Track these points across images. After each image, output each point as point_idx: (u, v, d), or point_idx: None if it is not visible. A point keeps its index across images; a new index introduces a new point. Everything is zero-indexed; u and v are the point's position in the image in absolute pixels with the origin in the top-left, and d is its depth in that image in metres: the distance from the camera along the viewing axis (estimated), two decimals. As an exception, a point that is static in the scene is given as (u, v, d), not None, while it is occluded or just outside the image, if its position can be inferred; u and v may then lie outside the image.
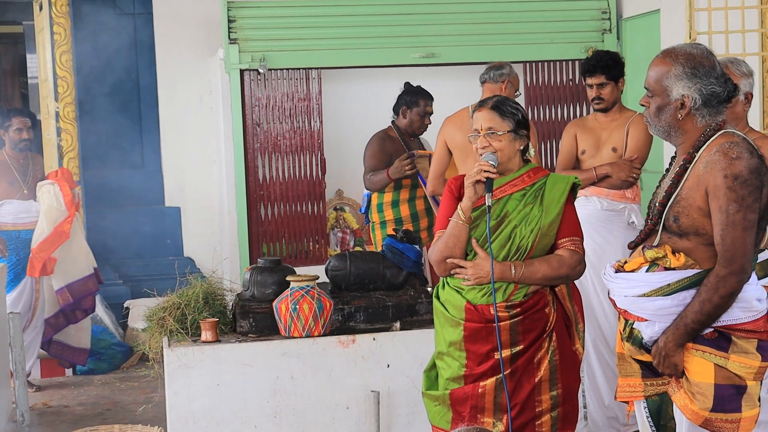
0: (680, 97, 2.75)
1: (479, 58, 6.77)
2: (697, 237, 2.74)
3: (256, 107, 6.64)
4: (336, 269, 4.27)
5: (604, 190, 4.79)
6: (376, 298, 4.21)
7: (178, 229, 7.55)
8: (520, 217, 3.21)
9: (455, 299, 3.24)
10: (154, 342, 4.23)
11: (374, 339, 4.08)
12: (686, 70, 2.74)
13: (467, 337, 3.21)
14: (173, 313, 4.17)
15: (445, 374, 3.28)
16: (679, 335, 2.74)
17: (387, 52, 6.70)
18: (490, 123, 3.24)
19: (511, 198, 3.24)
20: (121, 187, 7.52)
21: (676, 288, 2.75)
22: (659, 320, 2.79)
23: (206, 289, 4.26)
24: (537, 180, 3.27)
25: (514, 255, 3.19)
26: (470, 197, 3.17)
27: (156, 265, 7.37)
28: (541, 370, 3.20)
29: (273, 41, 6.58)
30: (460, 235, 3.20)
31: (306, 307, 3.95)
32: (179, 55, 7.40)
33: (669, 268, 2.77)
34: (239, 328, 4.13)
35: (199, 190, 7.48)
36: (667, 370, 2.80)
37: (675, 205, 2.76)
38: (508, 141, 3.24)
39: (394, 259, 4.30)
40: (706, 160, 2.71)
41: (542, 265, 3.18)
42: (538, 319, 3.21)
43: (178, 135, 7.47)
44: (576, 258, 3.20)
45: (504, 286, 3.18)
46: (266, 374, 3.99)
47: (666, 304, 2.76)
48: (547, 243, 3.22)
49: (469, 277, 3.19)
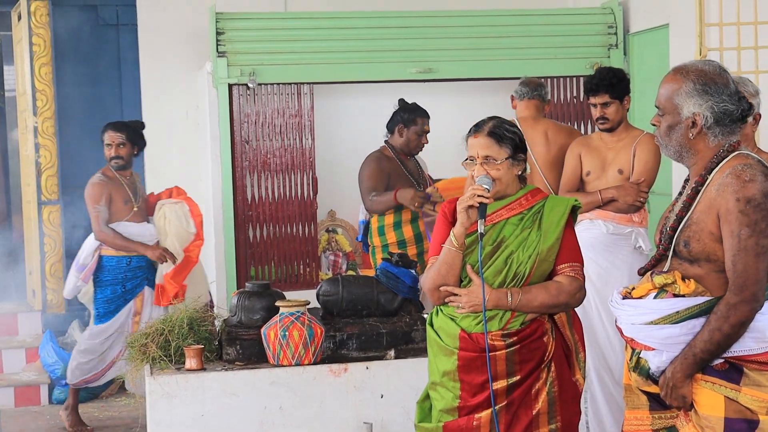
0: (691, 115, 2.76)
1: (479, 74, 6.80)
2: (709, 263, 2.74)
3: (245, 123, 6.64)
4: (328, 294, 4.26)
5: (609, 213, 4.80)
6: (369, 325, 4.20)
7: (162, 250, 7.51)
8: (517, 242, 3.21)
9: (449, 327, 3.24)
10: (136, 370, 4.22)
11: (367, 368, 4.07)
12: (697, 87, 2.75)
13: (461, 366, 3.20)
14: (156, 340, 4.16)
15: (439, 405, 3.27)
16: (687, 365, 2.74)
17: (382, 67, 6.71)
18: (487, 151, 3.24)
19: (508, 222, 3.25)
20: (104, 205, 7.49)
21: (685, 316, 2.75)
22: (667, 349, 2.78)
23: (191, 315, 4.26)
24: (535, 203, 3.27)
25: (511, 281, 3.19)
26: (463, 223, 3.18)
27: (138, 288, 7.33)
28: (539, 402, 3.19)
29: (263, 54, 6.59)
30: (453, 262, 3.20)
31: (296, 334, 3.94)
32: (165, 69, 7.41)
33: (678, 294, 2.77)
34: (225, 356, 4.11)
35: (185, 209, 7.45)
36: (675, 403, 2.79)
37: (686, 229, 2.77)
38: (506, 168, 3.24)
39: (389, 283, 4.29)
40: (718, 182, 2.72)
41: (540, 292, 3.17)
42: (535, 348, 3.20)
43: (162, 151, 7.47)
44: (575, 285, 3.20)
45: (500, 313, 3.18)
46: (254, 404, 3.97)
47: (674, 332, 2.75)
48: (546, 269, 3.22)
49: (464, 305, 3.19)
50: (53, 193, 7.24)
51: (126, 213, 5.91)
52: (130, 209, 5.92)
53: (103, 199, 5.82)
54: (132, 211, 5.93)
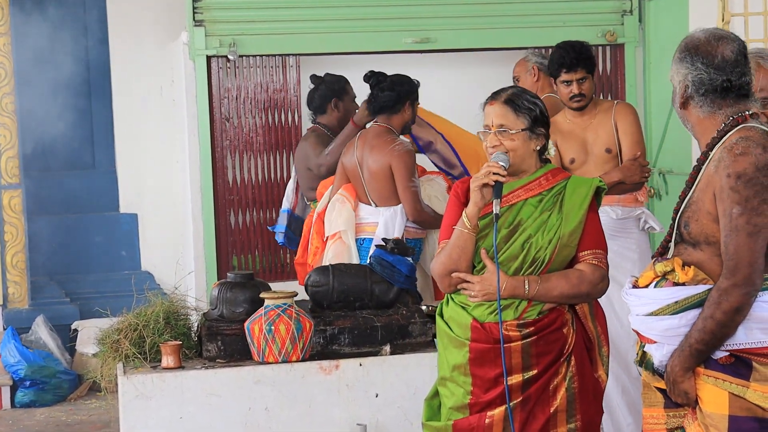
0: (677, 84, 2.85)
1: (481, 44, 6.80)
2: (709, 246, 2.76)
3: (225, 99, 6.64)
4: (317, 285, 4.28)
5: (614, 197, 4.81)
6: (362, 318, 4.21)
7: (135, 239, 7.53)
8: (536, 226, 3.21)
9: (460, 316, 3.25)
10: (107, 369, 4.21)
11: (361, 365, 4.08)
12: (681, 55, 2.84)
13: (473, 359, 3.20)
14: (129, 336, 4.16)
15: (448, 402, 3.28)
16: (684, 358, 2.76)
17: (375, 37, 6.72)
18: (501, 119, 3.24)
19: (526, 204, 3.25)
20: (69, 191, 7.50)
21: (684, 306, 2.76)
22: (668, 342, 2.80)
23: (167, 308, 4.25)
24: (556, 183, 3.28)
25: (529, 268, 3.20)
26: (476, 203, 3.17)
27: (109, 280, 7.35)
28: (558, 398, 3.20)
29: (244, 24, 6.59)
30: (465, 245, 3.20)
31: (282, 329, 3.95)
32: (136, 39, 7.39)
33: (678, 283, 2.79)
34: (206, 353, 4.12)
35: (160, 194, 7.46)
36: (679, 399, 2.81)
37: (686, 210, 2.80)
38: (522, 140, 3.24)
39: (384, 273, 4.31)
40: (717, 158, 2.75)
41: (560, 280, 3.18)
42: (554, 340, 3.21)
43: (134, 131, 7.46)
44: (598, 274, 3.21)
45: (516, 302, 3.19)
46: (237, 405, 3.98)
47: (673, 323, 2.77)
48: (567, 255, 3.22)
49: (476, 293, 3.20)
50: (14, 177, 7.23)
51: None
52: None
53: (416, 170, 5.11)
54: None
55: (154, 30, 7.36)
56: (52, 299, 7.13)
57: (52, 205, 7.48)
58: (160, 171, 7.42)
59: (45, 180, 7.44)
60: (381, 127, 5.04)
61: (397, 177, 4.95)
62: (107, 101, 7.54)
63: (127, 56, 7.44)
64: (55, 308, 7.14)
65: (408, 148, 5.01)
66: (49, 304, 7.04)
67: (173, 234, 7.36)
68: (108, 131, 7.56)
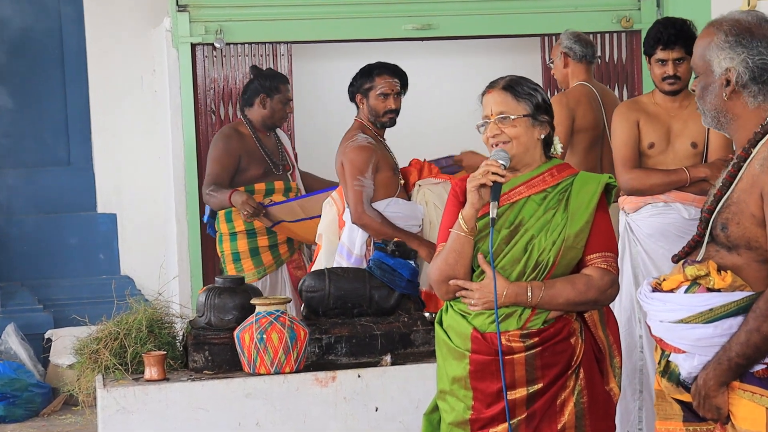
0: (724, 72, 2.77)
1: (486, 31, 6.81)
2: (749, 251, 2.74)
3: (210, 90, 6.63)
4: (312, 290, 4.27)
5: (690, 195, 4.70)
6: (361, 326, 4.21)
7: (114, 240, 7.53)
8: (539, 226, 3.20)
9: (460, 326, 3.24)
10: (85, 381, 4.21)
11: (359, 376, 4.08)
12: (729, 39, 2.76)
13: (473, 372, 3.20)
14: (109, 345, 4.15)
15: (448, 418, 3.27)
16: (721, 372, 2.73)
17: (373, 24, 6.72)
18: (501, 106, 3.24)
19: (529, 201, 3.24)
20: (42, 190, 7.50)
21: (720, 314, 2.74)
22: (699, 352, 2.78)
23: (150, 316, 4.25)
24: (562, 179, 3.26)
25: (532, 273, 3.19)
26: (473, 204, 3.16)
27: (86, 286, 7.36)
28: (565, 414, 3.19)
29: (232, 9, 6.59)
30: (462, 249, 3.19)
31: (275, 337, 3.95)
32: (115, 25, 7.39)
33: (713, 288, 2.76)
34: (192, 364, 4.11)
35: (140, 192, 7.47)
36: (709, 414, 2.79)
37: (724, 210, 2.77)
38: (525, 128, 3.24)
39: (384, 277, 4.30)
40: (763, 156, 2.72)
41: (566, 286, 3.17)
42: (561, 351, 3.20)
43: (113, 124, 7.46)
44: (607, 279, 3.20)
45: (519, 310, 3.18)
46: (225, 420, 3.98)
47: (707, 333, 2.75)
48: (573, 258, 3.21)
49: (477, 301, 3.19)
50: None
51: (394, 187, 5.15)
52: (398, 181, 5.18)
53: (370, 168, 5.02)
54: (399, 186, 5.17)
55: (134, 16, 7.36)
56: (23, 306, 7.12)
57: (23, 205, 7.47)
58: (141, 167, 7.42)
59: (16, 177, 7.44)
60: (354, 123, 5.13)
61: (340, 175, 5.07)
62: (83, 92, 7.53)
63: (104, 44, 7.44)
64: (27, 316, 7.13)
65: (360, 144, 5.02)
66: (20, 312, 7.03)
67: (155, 235, 7.36)
68: (84, 125, 7.56)
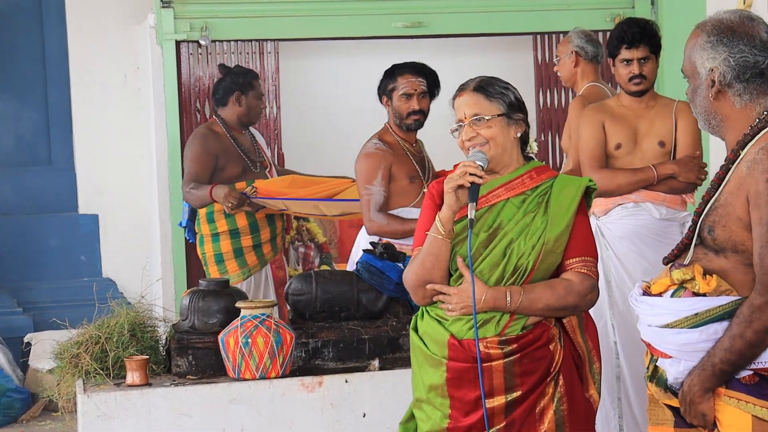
0: (708, 73, 2.80)
1: (478, 29, 6.82)
2: (736, 255, 2.75)
3: (195, 88, 6.63)
4: (299, 293, 4.27)
5: (660, 194, 4.75)
6: (348, 330, 4.21)
7: (96, 242, 7.52)
8: (518, 229, 3.20)
9: (436, 332, 3.24)
10: (65, 386, 4.20)
11: (347, 381, 4.08)
12: (711, 39, 2.78)
13: (451, 380, 3.20)
14: (90, 350, 4.15)
15: (425, 427, 3.28)
16: (705, 378, 2.75)
17: (362, 21, 6.72)
18: (474, 108, 3.25)
19: (508, 204, 3.24)
20: (22, 190, 7.49)
21: (705, 319, 2.76)
22: (685, 357, 2.80)
23: (133, 319, 4.24)
24: (541, 182, 3.27)
25: (511, 277, 3.19)
26: (450, 206, 3.16)
27: (66, 288, 7.34)
28: (545, 422, 3.19)
29: (217, 5, 6.58)
30: (439, 253, 3.19)
31: (260, 342, 3.95)
32: (98, 22, 7.38)
33: (698, 293, 2.78)
34: (175, 368, 4.11)
35: (123, 192, 7.46)
36: (695, 421, 2.80)
37: (711, 213, 2.78)
38: (500, 127, 3.25)
39: (372, 280, 4.31)
40: (750, 158, 2.73)
41: (545, 291, 3.18)
42: (540, 357, 3.20)
43: (95, 123, 7.45)
44: (587, 284, 3.21)
45: (497, 316, 3.18)
46: (210, 426, 3.97)
47: (693, 338, 2.76)
48: (553, 262, 3.22)
49: (454, 306, 3.19)
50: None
51: (412, 195, 5.08)
52: (419, 189, 5.08)
53: (379, 174, 5.01)
54: (421, 194, 5.04)
55: (118, 12, 7.35)
56: (2, 309, 7.10)
57: (2, 205, 7.46)
58: (124, 167, 7.41)
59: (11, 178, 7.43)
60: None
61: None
62: (65, 91, 7.52)
63: (87, 41, 7.43)
64: (5, 319, 7.11)
65: (367, 151, 5.01)
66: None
67: (138, 237, 7.36)
68: (66, 124, 7.55)
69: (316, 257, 7.41)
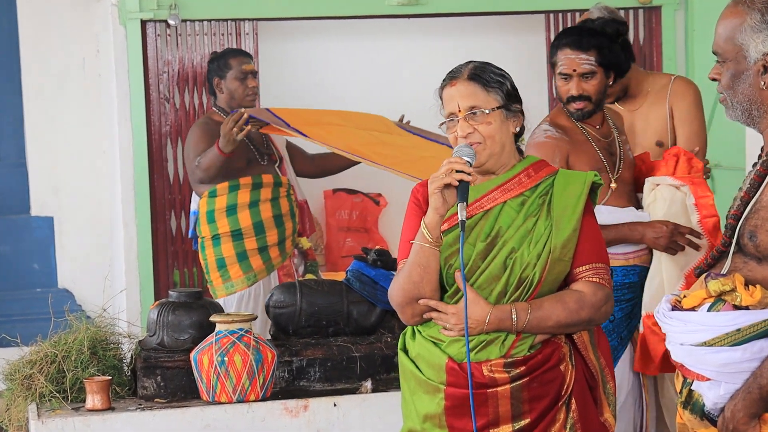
0: (761, 57, 2.78)
1: (482, 7, 6.83)
2: None
3: (164, 74, 6.63)
4: (281, 305, 4.28)
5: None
6: (337, 347, 4.23)
7: (51, 248, 7.50)
8: (519, 236, 3.18)
9: (431, 355, 3.21)
10: (16, 411, 4.21)
11: (335, 404, 4.09)
12: (766, 18, 2.77)
13: (450, 408, 3.18)
14: (45, 370, 4.16)
15: None
16: (752, 402, 2.75)
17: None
18: (471, 100, 3.20)
19: (506, 208, 3.22)
20: (-33, 190, 7.49)
21: (749, 335, 2.76)
22: (726, 380, 2.80)
23: (93, 335, 4.25)
24: (541, 180, 3.26)
25: (515, 292, 3.18)
26: (437, 209, 3.12)
27: (17, 300, 7.33)
28: (557, 452, 3.21)
29: (188, -20, 6.59)
30: (428, 263, 3.16)
31: (238, 360, 3.95)
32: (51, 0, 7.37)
33: (740, 306, 2.78)
34: (141, 391, 4.12)
35: (82, 192, 7.44)
36: None
37: (752, 216, 2.79)
38: (500, 122, 3.22)
39: (364, 290, 4.32)
40: None
41: (555, 307, 3.16)
42: (550, 380, 3.19)
43: (50, 114, 7.43)
44: (601, 295, 3.20)
45: (502, 336, 3.17)
46: (180, 456, 3.99)
47: (735, 357, 2.77)
48: (561, 272, 3.21)
49: (452, 326, 3.17)
50: None
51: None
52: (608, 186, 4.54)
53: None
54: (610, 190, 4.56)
55: (75, -13, 7.34)
56: (-55, 324, 7.09)
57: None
58: (83, 164, 7.39)
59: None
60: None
61: None
62: (15, 78, 7.50)
63: (39, 21, 7.41)
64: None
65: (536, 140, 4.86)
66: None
67: (99, 242, 7.34)
68: (16, 115, 7.53)
69: (300, 265, 7.39)
